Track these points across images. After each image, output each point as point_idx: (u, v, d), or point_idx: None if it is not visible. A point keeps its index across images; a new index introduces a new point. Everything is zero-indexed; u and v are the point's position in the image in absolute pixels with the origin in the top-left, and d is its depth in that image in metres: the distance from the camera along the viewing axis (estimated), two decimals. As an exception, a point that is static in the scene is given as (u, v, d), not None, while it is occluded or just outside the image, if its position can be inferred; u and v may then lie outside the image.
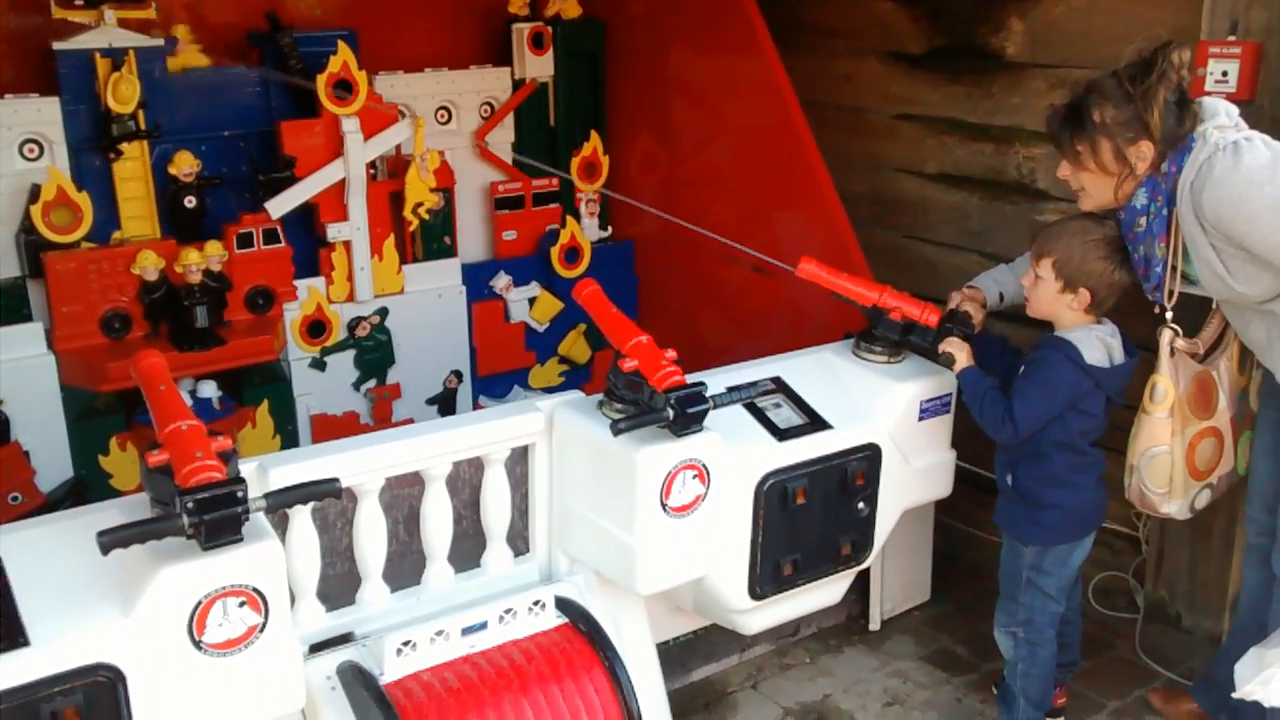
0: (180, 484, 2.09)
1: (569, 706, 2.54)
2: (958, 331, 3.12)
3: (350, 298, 4.42)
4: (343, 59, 4.13)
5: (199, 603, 2.11)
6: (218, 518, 2.08)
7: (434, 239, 4.59)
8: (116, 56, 3.88)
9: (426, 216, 4.46)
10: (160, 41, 4.00)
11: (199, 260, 3.96)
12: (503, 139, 4.88)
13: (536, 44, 4.76)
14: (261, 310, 4.22)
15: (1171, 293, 2.86)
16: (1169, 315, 2.91)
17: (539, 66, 4.80)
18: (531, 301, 4.90)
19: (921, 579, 3.91)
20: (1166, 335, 2.92)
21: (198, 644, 2.13)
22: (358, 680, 2.45)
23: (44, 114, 3.86)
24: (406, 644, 2.49)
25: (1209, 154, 2.65)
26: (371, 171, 4.38)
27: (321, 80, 4.11)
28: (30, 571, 2.16)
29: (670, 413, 2.61)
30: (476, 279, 4.76)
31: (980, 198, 4.24)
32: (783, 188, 4.29)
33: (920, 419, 3.20)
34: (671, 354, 2.72)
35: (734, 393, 2.80)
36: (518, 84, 4.83)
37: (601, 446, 2.72)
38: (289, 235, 4.26)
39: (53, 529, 2.30)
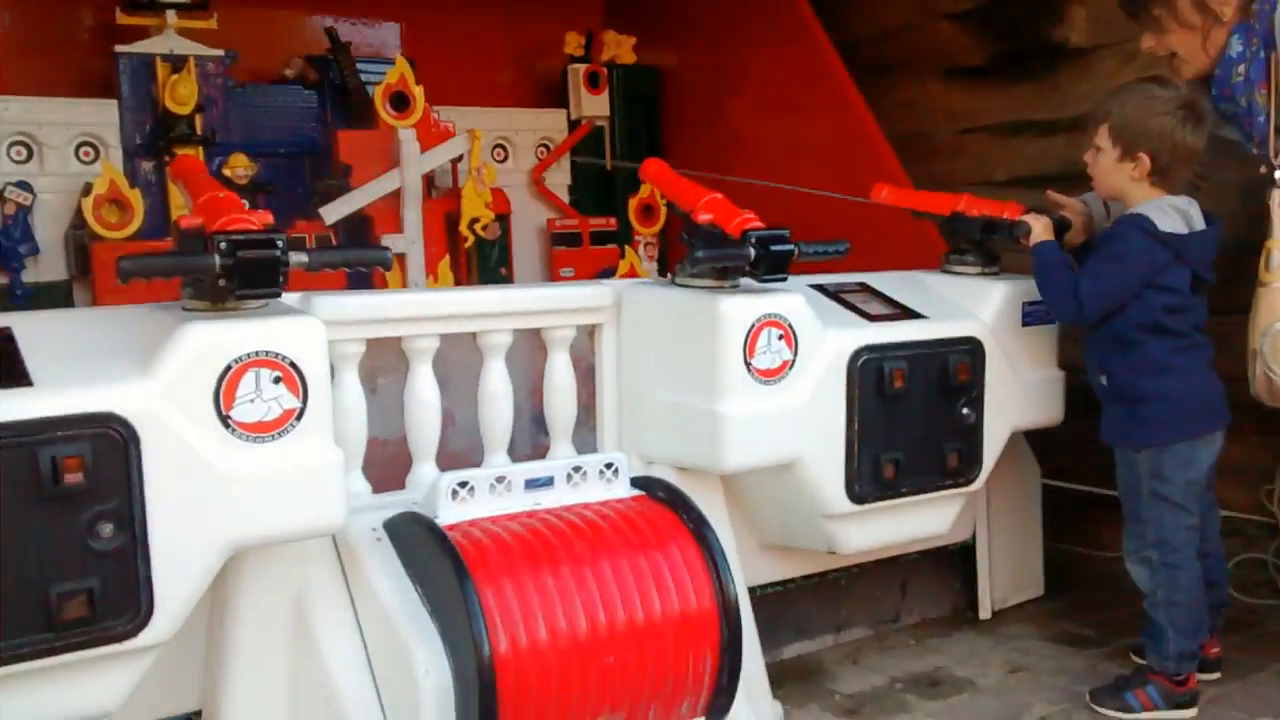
0: (213, 231, 1.88)
1: (653, 570, 2.17)
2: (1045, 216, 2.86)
3: (403, 317, 4.24)
4: (400, 71, 4.13)
5: (228, 367, 1.86)
6: (252, 259, 1.85)
7: (490, 269, 4.44)
8: (177, 63, 3.89)
9: (482, 233, 4.32)
10: (220, 52, 4.02)
11: (250, 255, 3.82)
12: (559, 180, 4.82)
13: (593, 83, 4.77)
14: (312, 323, 4.04)
15: (1278, 149, 2.61)
16: (1278, 174, 2.63)
17: (595, 106, 4.79)
18: (591, 336, 4.68)
19: (1034, 569, 3.46)
20: (1277, 196, 2.64)
21: (225, 420, 1.86)
22: (412, 521, 2.12)
23: (101, 116, 3.85)
24: (463, 485, 2.16)
25: None
26: (429, 192, 4.30)
27: (378, 91, 4.10)
28: (44, 342, 1.92)
29: (752, 251, 2.38)
30: (534, 310, 4.57)
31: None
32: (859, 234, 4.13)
33: (1024, 323, 2.91)
34: (749, 212, 2.51)
35: (819, 247, 2.55)
36: (574, 124, 4.80)
37: (677, 311, 2.51)
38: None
39: (71, 316, 2.08)
